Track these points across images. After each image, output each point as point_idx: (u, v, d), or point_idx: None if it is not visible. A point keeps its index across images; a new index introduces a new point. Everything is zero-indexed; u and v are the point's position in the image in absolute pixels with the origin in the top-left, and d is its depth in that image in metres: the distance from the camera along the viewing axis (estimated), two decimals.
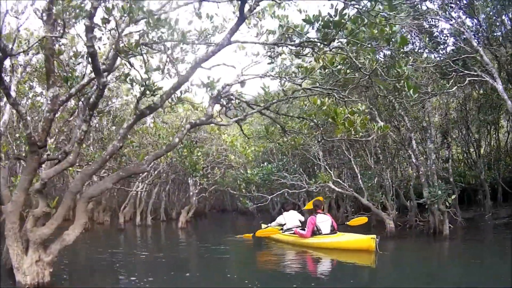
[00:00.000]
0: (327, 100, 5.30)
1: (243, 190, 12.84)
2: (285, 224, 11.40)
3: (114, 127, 14.31)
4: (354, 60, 4.76)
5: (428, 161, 12.29)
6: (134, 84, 4.92)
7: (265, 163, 13.12)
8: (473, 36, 10.27)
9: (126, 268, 7.79)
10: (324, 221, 9.51)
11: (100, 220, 19.63)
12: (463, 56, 9.90)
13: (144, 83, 4.77)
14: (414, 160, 12.25)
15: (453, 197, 10.33)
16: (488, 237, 11.58)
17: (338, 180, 12.47)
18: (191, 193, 16.83)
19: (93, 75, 4.83)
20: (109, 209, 20.75)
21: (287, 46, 5.19)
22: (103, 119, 13.86)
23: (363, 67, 4.91)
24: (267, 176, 12.38)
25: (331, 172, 12.35)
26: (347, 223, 11.51)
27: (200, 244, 12.13)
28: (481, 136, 15.63)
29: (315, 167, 17.10)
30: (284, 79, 5.47)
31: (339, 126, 5.09)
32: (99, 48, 5.92)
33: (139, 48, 4.61)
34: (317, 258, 8.81)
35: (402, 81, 4.82)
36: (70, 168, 7.68)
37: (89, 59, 4.68)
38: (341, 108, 5.32)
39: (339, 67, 5.07)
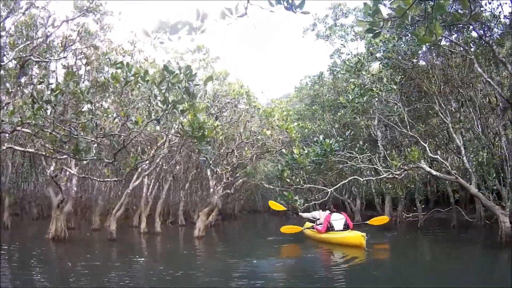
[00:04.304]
0: None
1: (288, 180, 8.30)
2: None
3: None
4: None
5: None
6: None
7: (321, 137, 8.40)
8: None
9: None
10: (337, 219, 10.45)
11: (96, 225, 15.56)
12: None
13: None
14: None
15: None
16: None
17: (437, 157, 7.81)
18: (212, 190, 12.32)
19: None
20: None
21: None
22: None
23: None
24: (324, 156, 7.80)
25: (425, 145, 7.66)
26: (367, 222, 11.96)
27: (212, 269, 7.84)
28: None
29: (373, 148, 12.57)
30: None
31: None
32: None
33: None
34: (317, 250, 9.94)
35: None
36: None
37: None
38: None
39: None
